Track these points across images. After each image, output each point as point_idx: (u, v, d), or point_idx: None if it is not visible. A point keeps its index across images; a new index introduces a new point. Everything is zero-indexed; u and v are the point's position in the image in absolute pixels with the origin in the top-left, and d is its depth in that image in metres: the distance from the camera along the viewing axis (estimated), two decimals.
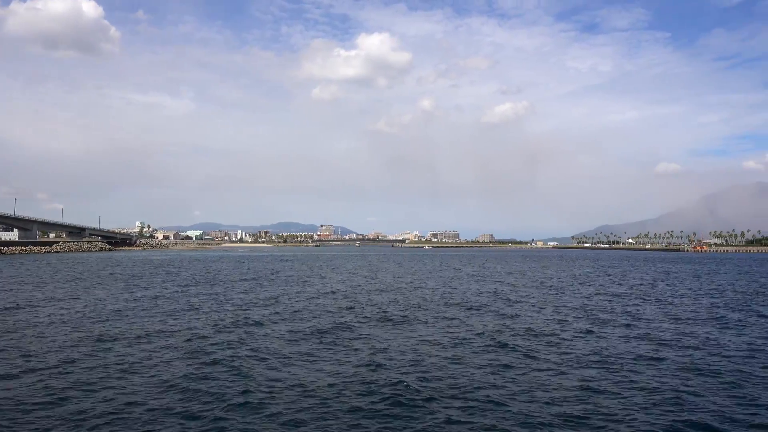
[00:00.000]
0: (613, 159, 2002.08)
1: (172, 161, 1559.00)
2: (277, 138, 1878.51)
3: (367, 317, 29.53)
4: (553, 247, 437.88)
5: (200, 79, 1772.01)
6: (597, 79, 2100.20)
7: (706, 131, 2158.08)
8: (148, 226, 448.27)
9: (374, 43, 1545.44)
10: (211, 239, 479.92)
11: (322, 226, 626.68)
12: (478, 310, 33.20)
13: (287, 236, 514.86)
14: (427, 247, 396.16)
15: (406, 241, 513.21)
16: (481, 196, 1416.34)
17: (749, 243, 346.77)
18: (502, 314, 31.34)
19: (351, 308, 33.29)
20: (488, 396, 15.16)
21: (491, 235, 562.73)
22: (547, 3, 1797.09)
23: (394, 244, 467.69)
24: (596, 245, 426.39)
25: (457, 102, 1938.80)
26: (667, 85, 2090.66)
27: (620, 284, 56.29)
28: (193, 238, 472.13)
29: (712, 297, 43.11)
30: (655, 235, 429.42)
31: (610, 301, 39.40)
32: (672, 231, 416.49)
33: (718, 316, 31.41)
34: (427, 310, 33.02)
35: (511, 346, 21.69)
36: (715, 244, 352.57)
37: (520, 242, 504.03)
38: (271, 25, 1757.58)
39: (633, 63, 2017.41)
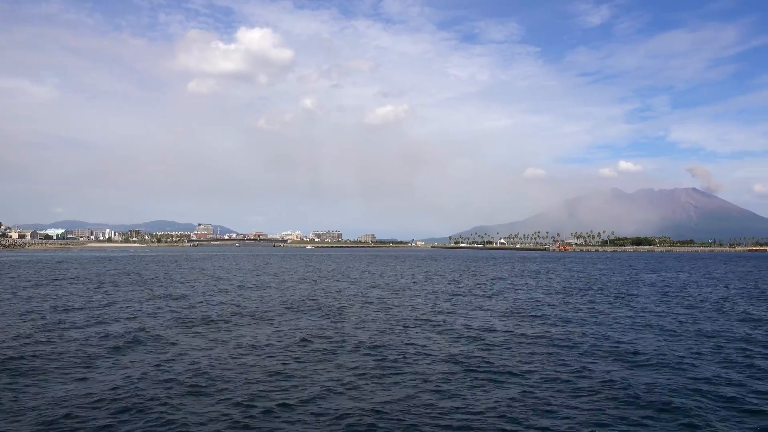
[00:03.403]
0: (488, 163, 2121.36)
1: (30, 153, 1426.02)
2: (151, 132, 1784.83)
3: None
4: (432, 247, 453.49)
5: (66, 64, 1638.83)
6: (475, 87, 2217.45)
7: (569, 140, 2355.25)
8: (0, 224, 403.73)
9: (255, 38, 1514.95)
10: (75, 239, 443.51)
11: (200, 225, 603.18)
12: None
13: (161, 236, 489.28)
14: (309, 247, 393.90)
15: (289, 241, 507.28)
16: (364, 197, 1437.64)
17: (605, 243, 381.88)
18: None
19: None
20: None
21: (373, 235, 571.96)
22: (430, 11, 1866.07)
23: (276, 244, 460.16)
24: (472, 245, 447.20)
25: (339, 102, 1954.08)
26: (536, 95, 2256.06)
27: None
28: (54, 238, 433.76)
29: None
30: (524, 235, 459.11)
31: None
32: (539, 232, 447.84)
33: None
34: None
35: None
36: (576, 244, 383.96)
37: (401, 242, 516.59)
38: (147, 12, 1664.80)
39: (507, 74, 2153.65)
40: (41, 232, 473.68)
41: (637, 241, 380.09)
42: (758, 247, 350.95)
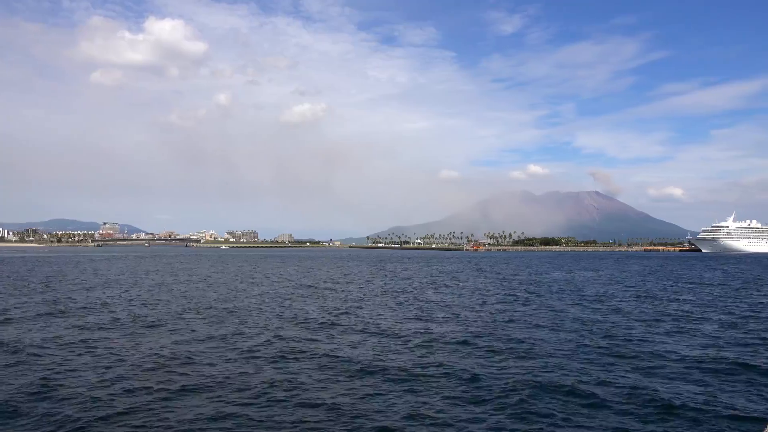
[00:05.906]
0: (405, 164, 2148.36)
1: None
2: (51, 124, 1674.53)
3: None
4: (350, 247, 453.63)
5: None
6: (394, 89, 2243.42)
7: (482, 143, 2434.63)
8: None
9: (165, 29, 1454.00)
10: None
11: (105, 224, 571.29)
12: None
13: (62, 235, 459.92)
14: (224, 247, 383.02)
15: (202, 241, 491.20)
16: (281, 196, 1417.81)
17: (516, 243, 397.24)
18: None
19: None
20: None
21: (290, 235, 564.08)
22: (351, 12, 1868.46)
23: (189, 244, 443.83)
24: (389, 245, 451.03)
25: (255, 99, 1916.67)
26: (452, 99, 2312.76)
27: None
28: None
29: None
30: (440, 235, 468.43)
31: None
32: (454, 232, 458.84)
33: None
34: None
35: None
36: (489, 244, 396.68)
37: (319, 242, 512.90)
38: None
39: (425, 77, 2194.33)
40: None
41: (545, 241, 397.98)
42: (652, 247, 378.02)
